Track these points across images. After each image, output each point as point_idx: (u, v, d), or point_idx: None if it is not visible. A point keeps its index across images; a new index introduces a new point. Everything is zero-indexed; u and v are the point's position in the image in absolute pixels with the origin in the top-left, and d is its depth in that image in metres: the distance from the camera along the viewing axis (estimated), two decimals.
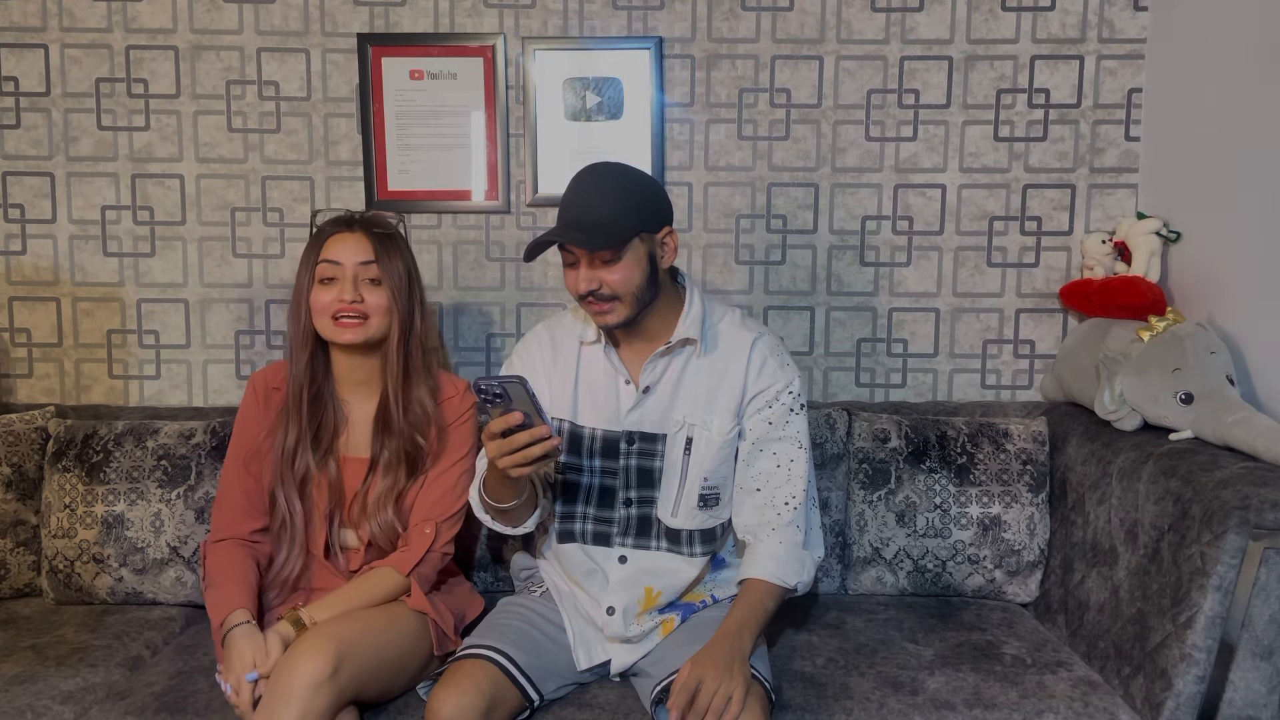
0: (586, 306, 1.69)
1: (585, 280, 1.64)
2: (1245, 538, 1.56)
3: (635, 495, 1.78)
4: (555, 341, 1.81)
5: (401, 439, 1.83)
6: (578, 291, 1.66)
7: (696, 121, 2.35)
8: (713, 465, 1.75)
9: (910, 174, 2.36)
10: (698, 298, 1.77)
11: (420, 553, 1.79)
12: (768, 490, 1.74)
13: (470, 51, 2.32)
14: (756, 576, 1.69)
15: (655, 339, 1.75)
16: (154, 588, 2.12)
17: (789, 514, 1.73)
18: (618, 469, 1.77)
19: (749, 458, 1.76)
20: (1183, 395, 1.87)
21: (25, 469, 2.18)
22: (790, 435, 1.75)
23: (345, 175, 2.37)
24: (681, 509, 1.76)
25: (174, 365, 2.42)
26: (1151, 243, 2.18)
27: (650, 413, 1.76)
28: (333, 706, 1.53)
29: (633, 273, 1.65)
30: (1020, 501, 2.10)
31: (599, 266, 1.64)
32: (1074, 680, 1.77)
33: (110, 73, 2.34)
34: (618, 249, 1.63)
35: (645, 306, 1.70)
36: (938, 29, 2.32)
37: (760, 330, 1.80)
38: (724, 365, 1.75)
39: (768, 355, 1.76)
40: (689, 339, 1.74)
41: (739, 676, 1.54)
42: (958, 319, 2.40)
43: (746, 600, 1.68)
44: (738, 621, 1.63)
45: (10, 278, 2.40)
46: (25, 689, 1.77)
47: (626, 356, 1.76)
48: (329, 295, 1.79)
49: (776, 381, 1.75)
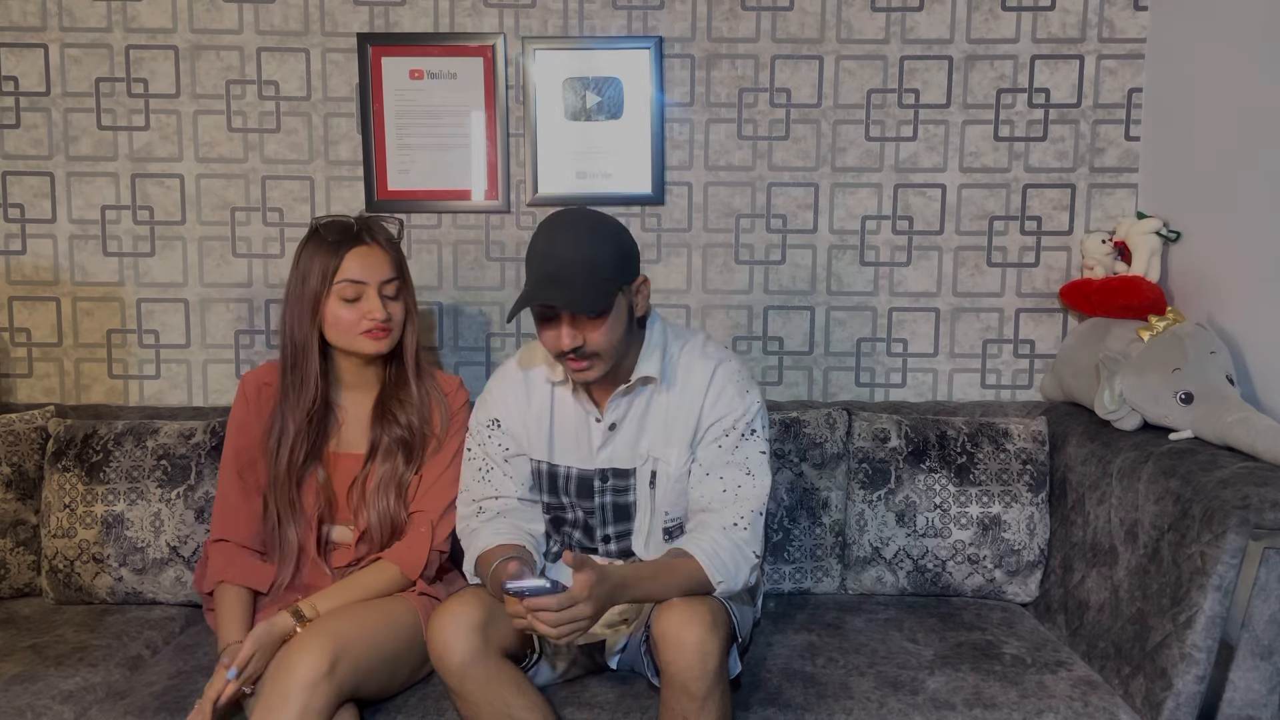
0: (565, 363, 1.66)
1: (568, 338, 1.59)
2: (1245, 537, 1.56)
3: (613, 531, 1.79)
4: (528, 382, 1.80)
5: (400, 426, 1.86)
6: (559, 349, 1.61)
7: (696, 121, 2.35)
8: (673, 499, 1.76)
9: (910, 174, 2.36)
10: (657, 333, 1.75)
11: (424, 554, 1.82)
12: (713, 512, 1.69)
13: (470, 51, 2.32)
14: (687, 550, 1.63)
15: (620, 377, 1.73)
16: (154, 587, 2.12)
17: (735, 530, 1.67)
18: (594, 507, 1.78)
19: (696, 481, 1.73)
20: (1183, 395, 1.87)
21: (25, 469, 2.18)
22: (738, 461, 1.71)
23: (345, 175, 2.37)
24: (650, 543, 1.78)
25: (174, 365, 2.42)
26: (1151, 242, 2.18)
27: (620, 449, 1.76)
28: (331, 703, 1.54)
29: (615, 330, 1.63)
30: (1020, 501, 2.10)
31: (583, 325, 1.60)
32: (1074, 680, 1.77)
33: (110, 72, 2.34)
34: (604, 310, 1.60)
35: (621, 357, 1.69)
36: (938, 29, 2.32)
37: (721, 357, 1.76)
38: (684, 398, 1.74)
39: (727, 383, 1.73)
40: (648, 377, 1.72)
41: (596, 612, 1.49)
42: (958, 319, 2.40)
43: (662, 566, 1.62)
44: (636, 576, 1.57)
45: (10, 277, 2.40)
46: (25, 689, 1.77)
47: (595, 394, 1.76)
48: (353, 313, 1.80)
49: (733, 410, 1.71)
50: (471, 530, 1.76)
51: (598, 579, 1.47)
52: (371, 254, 1.83)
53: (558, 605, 1.44)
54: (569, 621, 1.46)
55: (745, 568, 1.66)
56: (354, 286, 1.80)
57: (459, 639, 1.55)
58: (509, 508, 1.78)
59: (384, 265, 1.83)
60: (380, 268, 1.82)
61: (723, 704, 1.54)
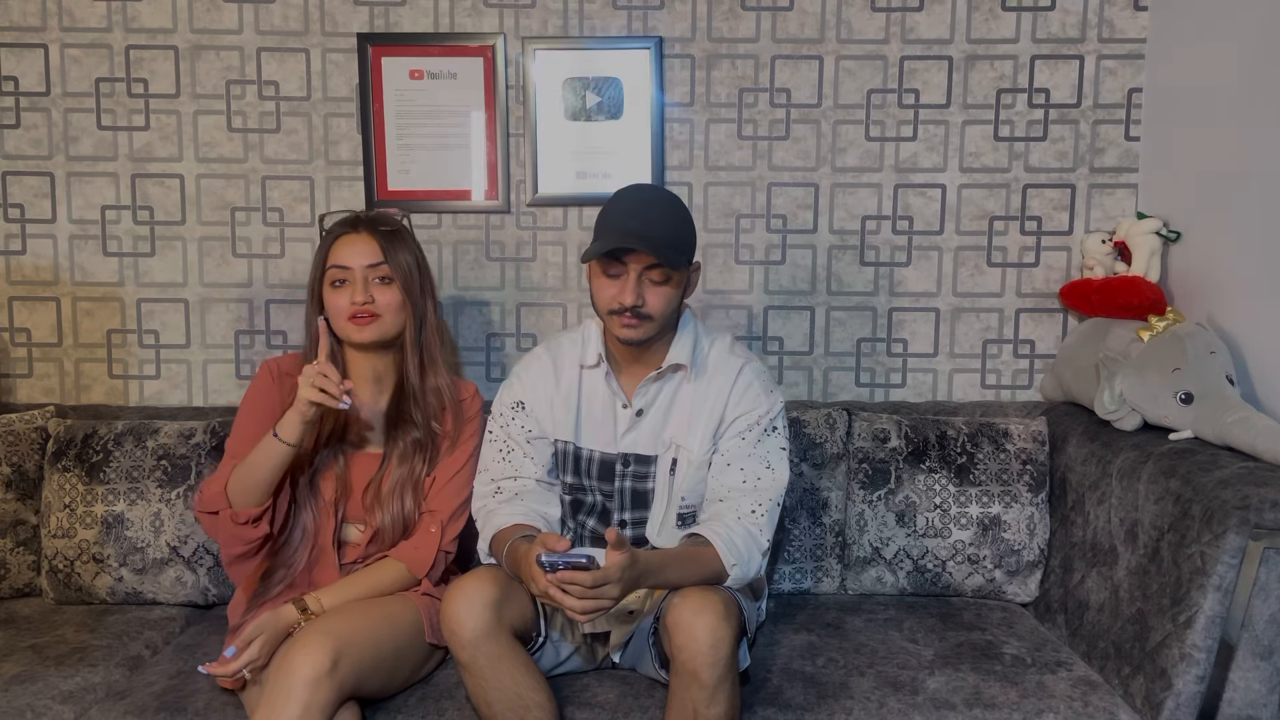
0: (617, 320, 1.70)
1: (632, 294, 1.66)
2: (1245, 537, 1.56)
3: (630, 517, 1.83)
4: (556, 365, 1.84)
5: (417, 428, 1.87)
6: (621, 303, 1.67)
7: (696, 121, 2.35)
8: (691, 485, 1.80)
9: (910, 174, 2.36)
10: (690, 324, 1.83)
11: (431, 554, 1.83)
12: (731, 500, 1.74)
13: (470, 51, 2.32)
14: (703, 534, 1.67)
15: (651, 364, 1.79)
16: (154, 587, 2.12)
17: (750, 518, 1.72)
18: (613, 491, 1.82)
19: (717, 471, 1.78)
20: (1183, 395, 1.87)
21: (25, 469, 2.18)
22: (760, 454, 1.77)
23: (345, 175, 2.37)
24: (664, 529, 1.81)
25: (174, 365, 2.42)
26: (1151, 242, 2.18)
27: (644, 435, 1.80)
28: (334, 701, 1.55)
29: (672, 299, 1.71)
30: (1020, 501, 2.10)
31: (647, 285, 1.67)
32: (1074, 680, 1.77)
33: (110, 72, 2.34)
34: (668, 271, 1.67)
35: (661, 332, 1.74)
36: (938, 29, 2.32)
37: (747, 357, 1.84)
38: (711, 390, 1.79)
39: (753, 380, 1.80)
40: (679, 364, 1.78)
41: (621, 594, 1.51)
42: (958, 319, 2.40)
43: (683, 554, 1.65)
44: (660, 562, 1.60)
45: (10, 278, 2.40)
46: (25, 689, 1.77)
47: (624, 381, 1.81)
48: (342, 299, 1.83)
49: (758, 407, 1.78)
50: (488, 511, 1.79)
51: (629, 561, 1.50)
52: (359, 240, 1.84)
53: (592, 581, 1.46)
54: (595, 599, 1.48)
55: (757, 555, 1.70)
56: (341, 272, 1.83)
57: (472, 614, 1.57)
58: (527, 489, 1.81)
59: (369, 251, 1.83)
60: (365, 253, 1.83)
61: (732, 695, 1.55)
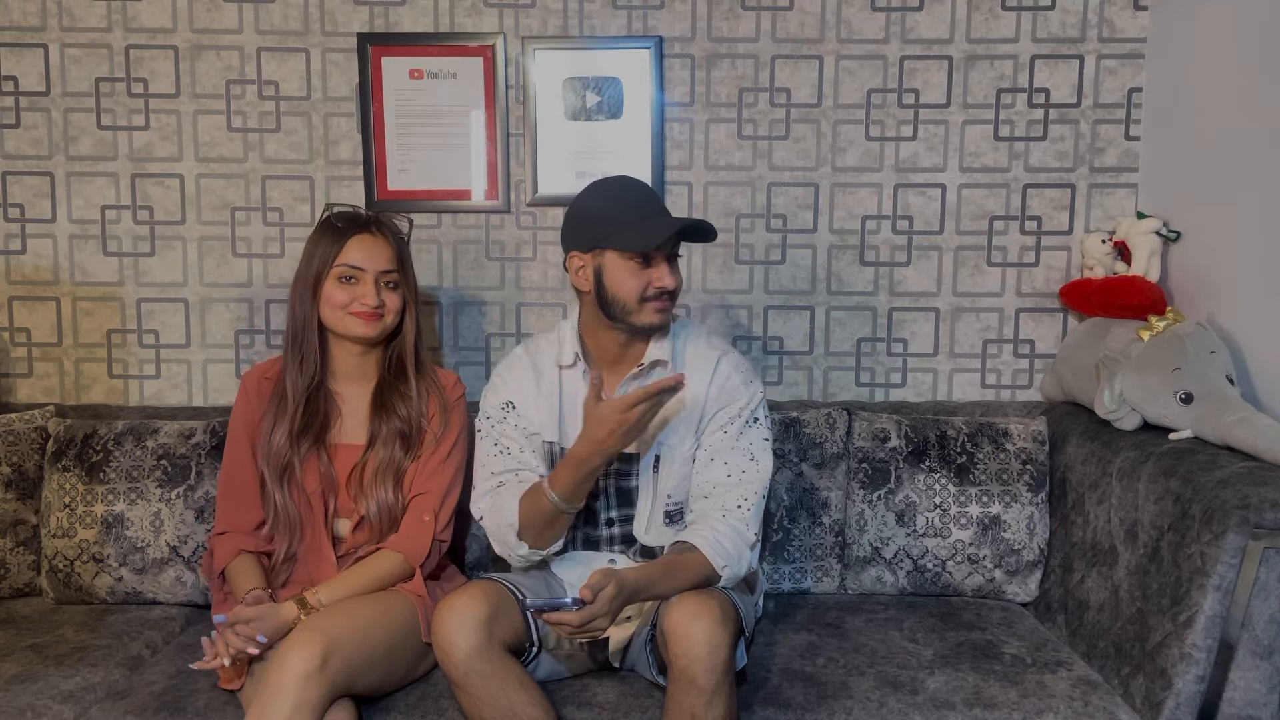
0: (652, 305, 1.71)
1: (671, 277, 1.71)
2: (1245, 537, 1.56)
3: (616, 515, 1.83)
4: (536, 366, 1.84)
5: (399, 418, 1.88)
6: (663, 287, 1.70)
7: (696, 121, 2.35)
8: (676, 482, 1.80)
9: (910, 174, 2.36)
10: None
11: (426, 544, 1.84)
12: (716, 496, 1.74)
13: (470, 51, 2.32)
14: (690, 541, 1.67)
15: (631, 361, 1.79)
16: (154, 587, 2.12)
17: (737, 514, 1.72)
18: (598, 490, 1.80)
19: (701, 467, 1.78)
20: (1183, 395, 1.87)
21: (25, 469, 2.18)
22: (743, 446, 1.76)
23: (345, 175, 2.37)
24: (651, 526, 1.81)
25: (174, 365, 2.42)
26: (1151, 242, 2.18)
27: None
28: (325, 698, 1.55)
29: None
30: (1020, 501, 2.10)
31: (673, 268, 1.72)
32: (1074, 680, 1.77)
33: (110, 72, 2.34)
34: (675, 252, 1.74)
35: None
36: (938, 28, 2.32)
37: (724, 348, 1.84)
38: (691, 384, 1.77)
39: (732, 372, 1.79)
40: (660, 360, 1.78)
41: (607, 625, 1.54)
42: (958, 319, 2.40)
43: (670, 564, 1.65)
44: (648, 578, 1.60)
45: (10, 277, 2.40)
46: (25, 689, 1.77)
47: (604, 379, 1.78)
48: (347, 295, 1.85)
49: (737, 399, 1.78)
50: (496, 509, 1.76)
51: (615, 592, 1.51)
52: (375, 243, 1.87)
53: (579, 621, 1.48)
54: (588, 631, 1.51)
55: (745, 550, 1.70)
56: (352, 270, 1.84)
57: (463, 634, 1.56)
58: (529, 481, 1.78)
59: (385, 256, 1.86)
60: (381, 258, 1.86)
61: (730, 699, 1.55)
